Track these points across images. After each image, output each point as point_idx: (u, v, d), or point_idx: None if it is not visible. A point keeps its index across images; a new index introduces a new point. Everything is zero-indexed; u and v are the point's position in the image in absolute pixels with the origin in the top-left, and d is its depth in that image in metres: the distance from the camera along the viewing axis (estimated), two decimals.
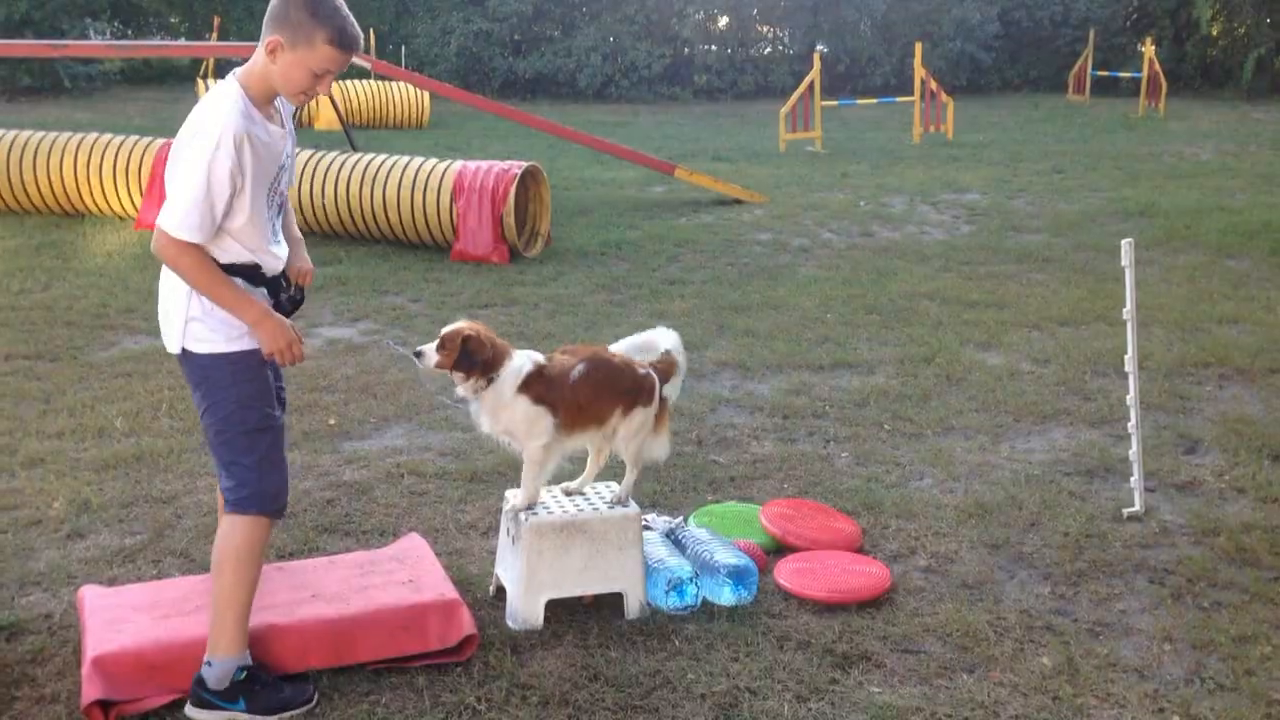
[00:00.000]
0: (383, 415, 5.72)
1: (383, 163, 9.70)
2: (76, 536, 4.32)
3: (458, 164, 9.55)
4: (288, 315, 3.26)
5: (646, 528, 4.15)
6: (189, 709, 3.19)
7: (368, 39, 24.40)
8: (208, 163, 2.96)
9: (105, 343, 6.89)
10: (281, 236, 3.30)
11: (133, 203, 10.46)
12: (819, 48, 27.11)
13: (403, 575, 3.71)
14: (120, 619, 3.36)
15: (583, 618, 3.77)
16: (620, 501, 3.82)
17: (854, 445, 5.37)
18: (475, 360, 3.54)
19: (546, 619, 3.71)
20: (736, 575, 3.87)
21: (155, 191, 10.22)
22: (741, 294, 8.31)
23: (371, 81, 20.23)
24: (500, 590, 3.89)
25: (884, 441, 5.42)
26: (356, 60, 12.62)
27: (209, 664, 3.18)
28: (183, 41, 26.30)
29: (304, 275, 3.40)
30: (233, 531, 3.19)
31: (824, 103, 18.05)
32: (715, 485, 4.90)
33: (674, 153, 16.01)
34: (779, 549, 4.26)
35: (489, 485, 4.85)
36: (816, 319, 7.61)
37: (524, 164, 9.53)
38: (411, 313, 7.73)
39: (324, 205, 9.71)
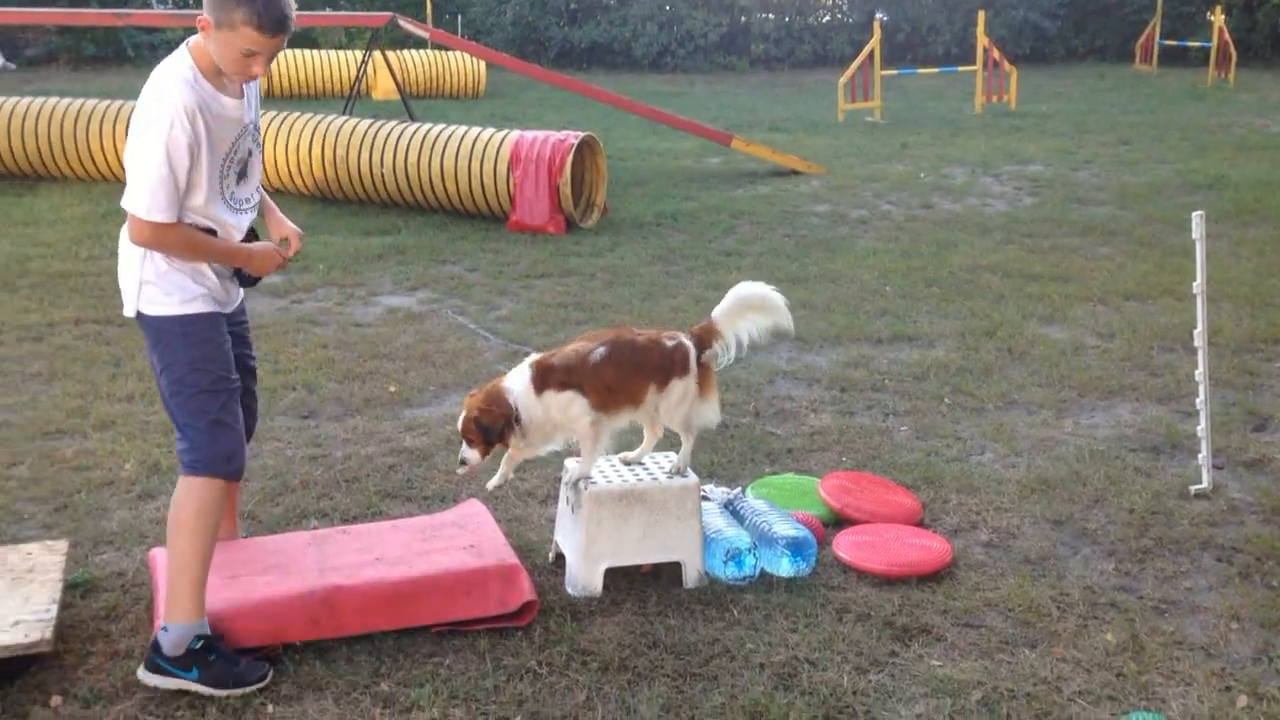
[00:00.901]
0: (442, 383, 5.76)
1: (440, 132, 9.74)
2: (147, 497, 4.42)
3: (514, 134, 9.56)
4: (252, 285, 3.34)
5: (704, 498, 4.15)
6: (141, 673, 3.19)
7: (424, 8, 24.43)
8: (164, 140, 2.97)
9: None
10: (246, 208, 3.31)
11: None
12: (879, 16, 26.66)
13: (464, 540, 3.75)
14: None
15: (641, 586, 3.80)
16: (678, 472, 3.83)
17: (913, 419, 5.33)
18: (493, 431, 3.59)
19: (605, 586, 3.74)
20: (795, 547, 3.86)
21: None
22: (799, 266, 8.26)
23: (428, 51, 20.28)
24: (559, 557, 3.92)
25: (944, 415, 5.37)
26: (413, 29, 12.55)
27: (165, 629, 3.18)
28: None
29: (295, 238, 3.47)
30: (187, 494, 3.20)
31: (883, 72, 17.82)
32: (773, 457, 4.89)
33: (730, 123, 15.91)
34: (837, 521, 4.24)
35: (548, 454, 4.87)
36: (875, 291, 7.55)
37: (581, 134, 9.52)
38: (469, 282, 7.78)
39: (382, 174, 9.78)
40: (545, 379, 3.63)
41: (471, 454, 3.63)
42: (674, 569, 3.82)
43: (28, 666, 3.23)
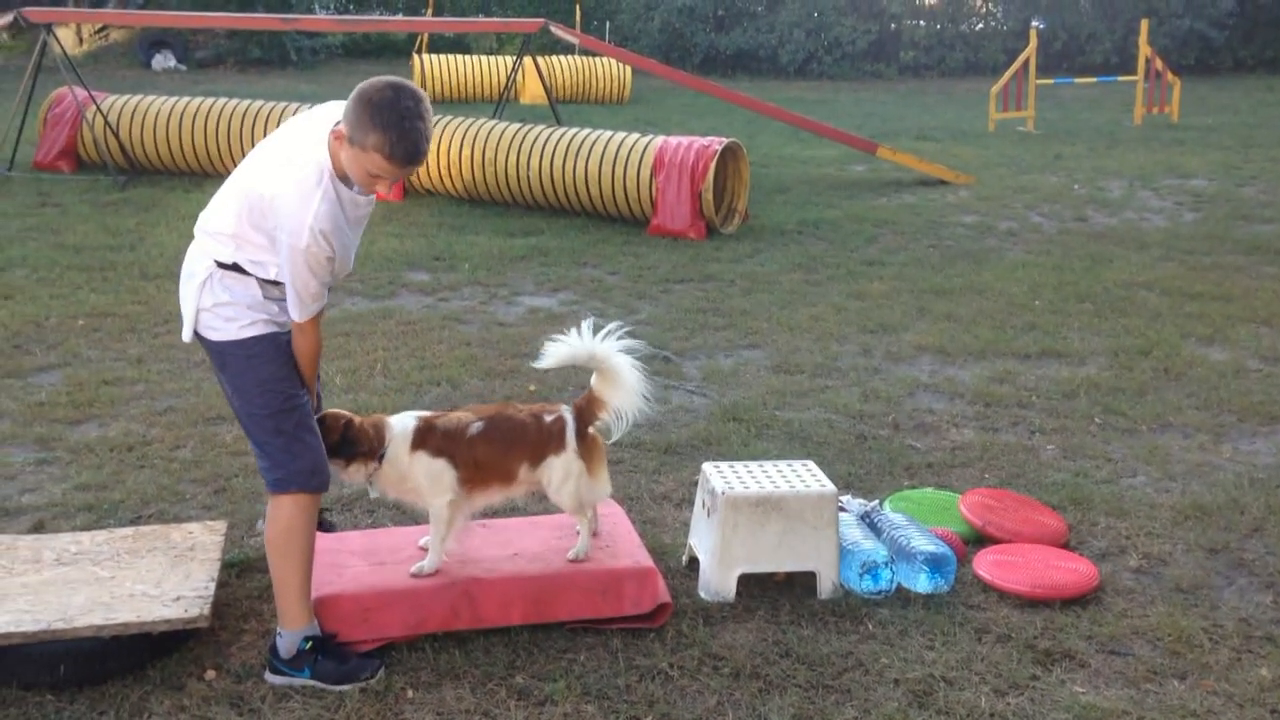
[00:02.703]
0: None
1: (585, 137, 9.87)
2: None
3: (659, 139, 9.62)
4: None
5: (841, 509, 4.11)
6: (267, 675, 3.28)
7: (573, 14, 24.80)
8: (304, 259, 3.04)
9: (327, 304, 7.26)
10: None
11: None
12: (1035, 23, 25.96)
13: (600, 540, 3.78)
14: (340, 563, 3.56)
15: (774, 594, 3.78)
16: (577, 559, 3.64)
17: (1061, 438, 5.17)
18: (349, 447, 3.41)
19: (738, 593, 3.74)
20: (934, 563, 3.79)
21: None
22: (944, 277, 8.10)
23: (575, 56, 20.58)
24: (693, 561, 3.93)
25: (1094, 435, 5.20)
26: (564, 35, 12.72)
27: (280, 635, 3.28)
28: (400, 17, 27.37)
29: None
30: (278, 513, 3.23)
31: (1039, 81, 17.33)
32: (911, 471, 4.81)
33: (876, 131, 15.70)
34: (978, 539, 4.15)
35: (683, 457, 4.90)
36: (1023, 305, 7.35)
37: (724, 140, 9.53)
38: (609, 285, 7.86)
39: (528, 177, 9.96)
40: (424, 439, 3.48)
41: None
42: (808, 579, 3.79)
43: (185, 640, 3.39)
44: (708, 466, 3.95)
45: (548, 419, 3.58)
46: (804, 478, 3.85)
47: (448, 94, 19.63)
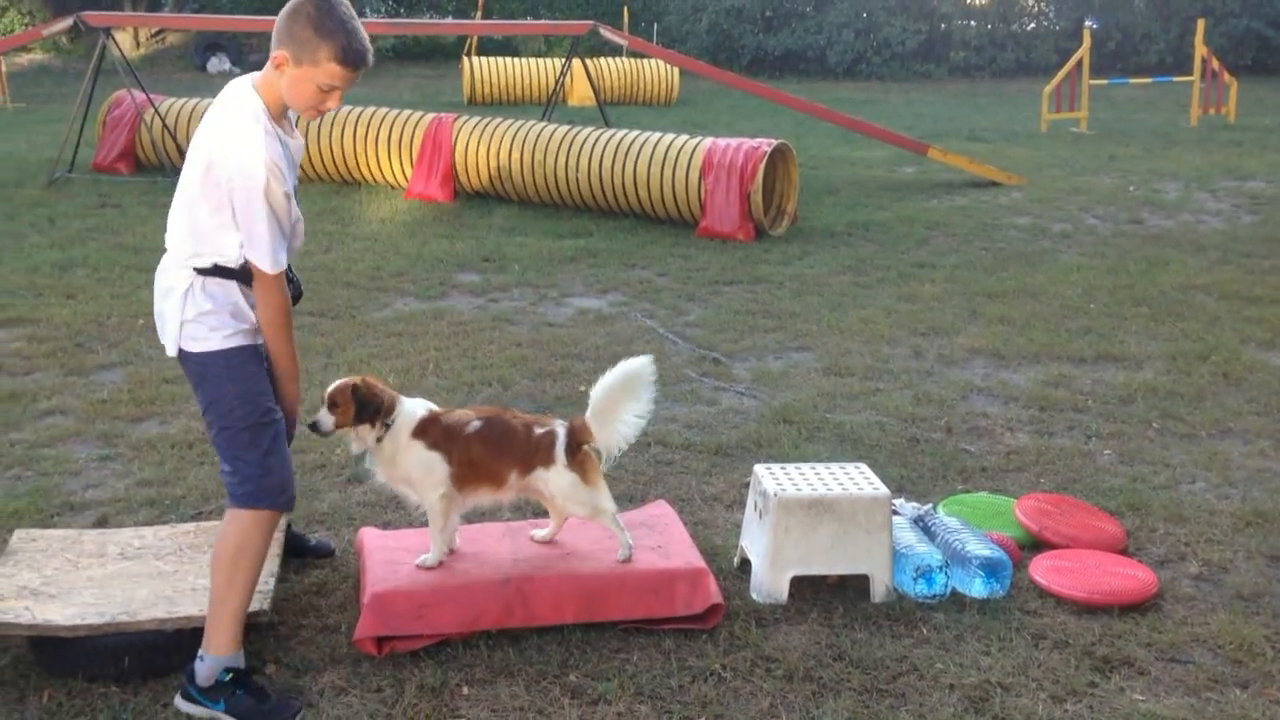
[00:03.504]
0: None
1: (635, 139, 9.89)
2: (355, 482, 4.65)
3: (707, 141, 9.62)
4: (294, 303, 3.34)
5: (895, 513, 4.08)
6: (178, 700, 3.17)
7: (621, 16, 24.85)
8: (264, 195, 3.03)
9: (379, 304, 7.36)
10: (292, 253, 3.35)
11: (404, 173, 11.07)
12: (1088, 23, 25.66)
13: (652, 541, 3.79)
14: (396, 560, 3.60)
15: (827, 597, 3.77)
16: (626, 560, 3.64)
17: (1118, 443, 5.10)
18: (370, 407, 3.46)
19: (790, 595, 3.73)
20: (989, 567, 3.76)
21: (424, 163, 10.79)
22: (996, 279, 8.03)
23: (623, 58, 20.63)
24: (745, 563, 3.92)
25: (1152, 440, 5.13)
26: (612, 36, 12.77)
27: (201, 658, 3.15)
28: (450, 20, 27.57)
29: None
30: (234, 528, 3.16)
31: (1092, 81, 17.12)
32: (966, 475, 4.77)
33: (926, 132, 15.59)
34: (1034, 544, 4.11)
35: (734, 459, 4.89)
36: (1078, 309, 7.27)
37: (773, 141, 9.50)
38: (658, 286, 7.87)
39: (576, 179, 10.00)
40: (426, 429, 3.52)
41: (328, 420, 3.48)
42: (861, 582, 3.77)
43: (246, 634, 3.43)
44: (759, 468, 3.94)
45: (538, 431, 3.60)
46: (856, 480, 3.83)
47: (496, 96, 19.76)
